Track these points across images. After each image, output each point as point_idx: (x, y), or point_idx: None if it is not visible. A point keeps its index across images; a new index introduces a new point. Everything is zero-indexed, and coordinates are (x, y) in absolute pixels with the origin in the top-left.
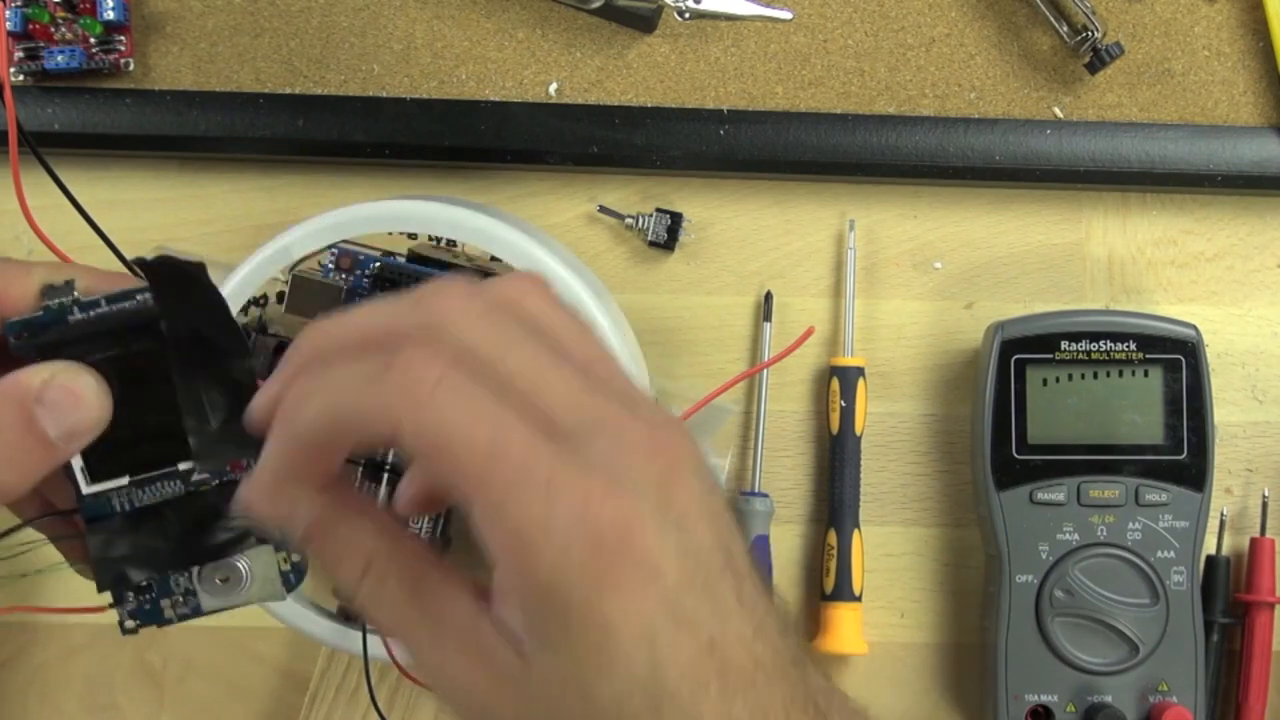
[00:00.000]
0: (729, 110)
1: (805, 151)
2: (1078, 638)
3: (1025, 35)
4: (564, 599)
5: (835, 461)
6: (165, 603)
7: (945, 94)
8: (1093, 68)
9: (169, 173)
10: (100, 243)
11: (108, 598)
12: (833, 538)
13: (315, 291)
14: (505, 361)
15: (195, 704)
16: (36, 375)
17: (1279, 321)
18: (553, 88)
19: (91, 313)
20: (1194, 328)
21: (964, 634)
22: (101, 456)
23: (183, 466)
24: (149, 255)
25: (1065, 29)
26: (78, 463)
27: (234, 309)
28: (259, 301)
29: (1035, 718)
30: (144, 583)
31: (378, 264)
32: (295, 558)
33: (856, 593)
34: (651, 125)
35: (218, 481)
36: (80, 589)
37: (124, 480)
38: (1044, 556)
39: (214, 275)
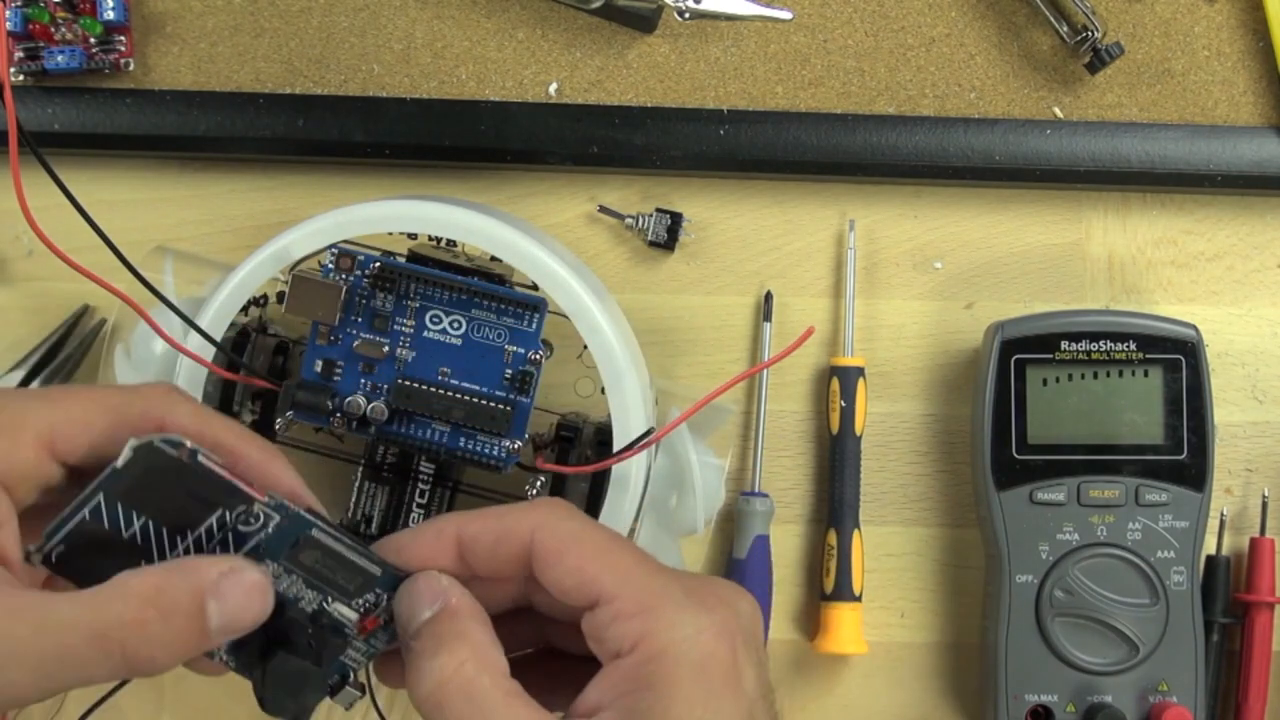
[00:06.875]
0: (729, 110)
1: (805, 151)
2: (1078, 638)
3: (1025, 35)
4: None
5: (835, 461)
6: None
7: (945, 94)
8: (1093, 68)
9: (169, 173)
10: (100, 243)
11: None
12: (833, 538)
13: (315, 291)
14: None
15: (195, 704)
16: (214, 566)
17: (1279, 321)
18: (553, 88)
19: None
20: (1194, 328)
21: (964, 634)
22: None
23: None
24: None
25: (1065, 29)
26: None
27: (234, 309)
28: (259, 301)
29: (1035, 718)
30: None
31: (378, 264)
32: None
33: (856, 593)
34: (651, 125)
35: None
36: None
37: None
38: (1044, 556)
39: (214, 275)
